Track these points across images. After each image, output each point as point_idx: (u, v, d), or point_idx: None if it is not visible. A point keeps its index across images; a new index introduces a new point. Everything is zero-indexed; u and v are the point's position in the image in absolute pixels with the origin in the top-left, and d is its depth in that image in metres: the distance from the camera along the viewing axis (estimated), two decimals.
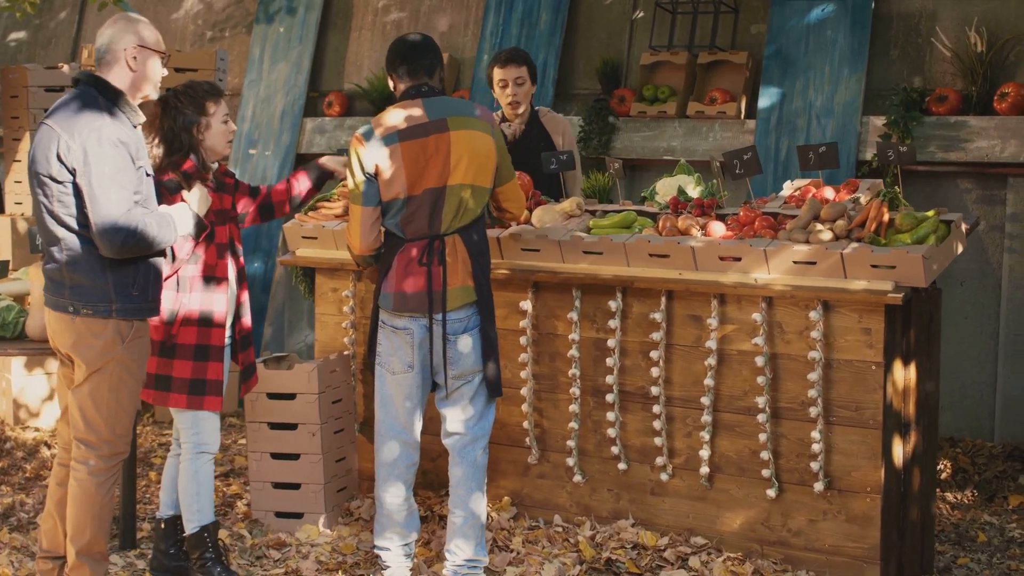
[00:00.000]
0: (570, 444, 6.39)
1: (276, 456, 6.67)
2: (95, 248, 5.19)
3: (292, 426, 6.63)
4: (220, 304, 5.71)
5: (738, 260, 5.84)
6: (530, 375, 6.47)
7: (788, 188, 6.54)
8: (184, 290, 5.65)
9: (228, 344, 5.83)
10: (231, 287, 5.79)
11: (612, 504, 6.37)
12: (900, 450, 5.82)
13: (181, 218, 5.45)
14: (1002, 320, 7.92)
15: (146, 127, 5.64)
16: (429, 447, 6.75)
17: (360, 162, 5.49)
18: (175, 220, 5.38)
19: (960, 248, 5.84)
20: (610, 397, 6.25)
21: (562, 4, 9.42)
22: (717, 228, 6.01)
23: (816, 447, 5.77)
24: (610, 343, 6.22)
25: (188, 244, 5.59)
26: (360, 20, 10.47)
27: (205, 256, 5.68)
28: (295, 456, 6.65)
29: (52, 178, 5.16)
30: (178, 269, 5.62)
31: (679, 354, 6.11)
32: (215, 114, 5.72)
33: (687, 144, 8.71)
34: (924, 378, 6.00)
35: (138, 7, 10.84)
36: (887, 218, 5.74)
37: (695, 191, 6.44)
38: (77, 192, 5.15)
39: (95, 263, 5.23)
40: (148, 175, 5.37)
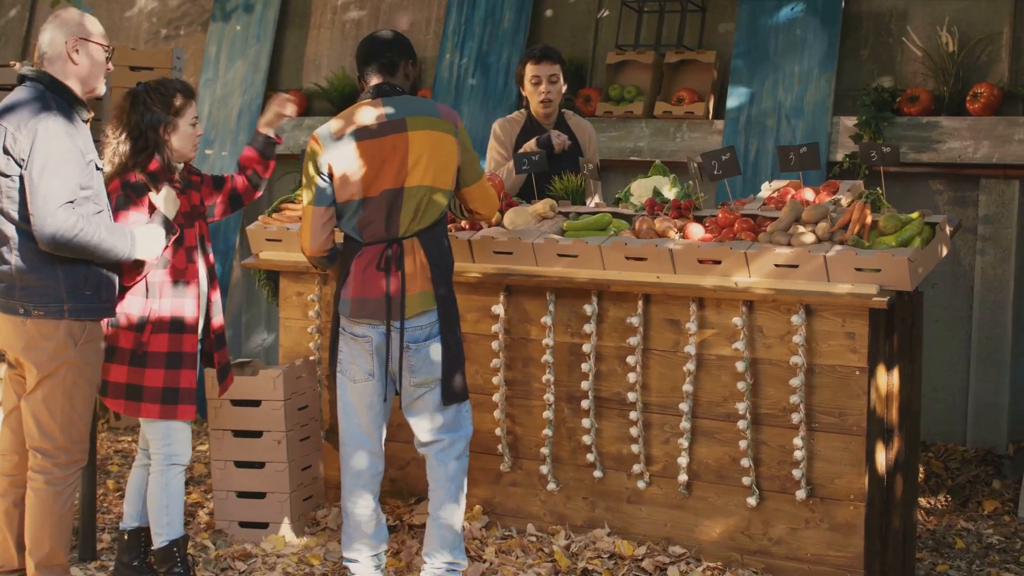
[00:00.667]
0: (544, 451, 6.24)
1: (240, 464, 6.48)
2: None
3: (257, 433, 6.44)
4: (191, 309, 5.53)
5: (718, 263, 5.72)
6: (502, 381, 6.31)
7: (766, 189, 6.41)
8: (153, 296, 5.46)
9: (200, 347, 5.65)
10: (202, 289, 5.61)
11: (587, 513, 6.23)
12: (883, 457, 5.71)
13: (146, 241, 5.27)
14: (975, 323, 7.84)
15: (113, 121, 5.48)
16: (397, 455, 6.63)
17: (314, 161, 5.36)
18: (136, 239, 5.21)
19: (945, 251, 5.74)
20: (585, 403, 6.10)
21: (526, 2, 9.27)
22: (695, 230, 5.88)
23: (798, 454, 5.65)
24: (585, 348, 6.08)
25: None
26: (319, 18, 10.28)
27: (174, 260, 5.50)
28: (260, 464, 6.47)
29: (0, 173, 5.01)
30: (146, 274, 5.43)
31: (656, 359, 5.98)
32: (184, 115, 5.54)
33: (654, 144, 8.59)
34: (907, 383, 5.89)
35: (90, 4, 10.60)
36: (870, 220, 5.63)
37: (671, 192, 6.30)
38: (24, 187, 5.01)
39: (46, 262, 5.07)
40: (98, 169, 5.21)
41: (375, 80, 5.49)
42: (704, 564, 5.89)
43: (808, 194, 6.07)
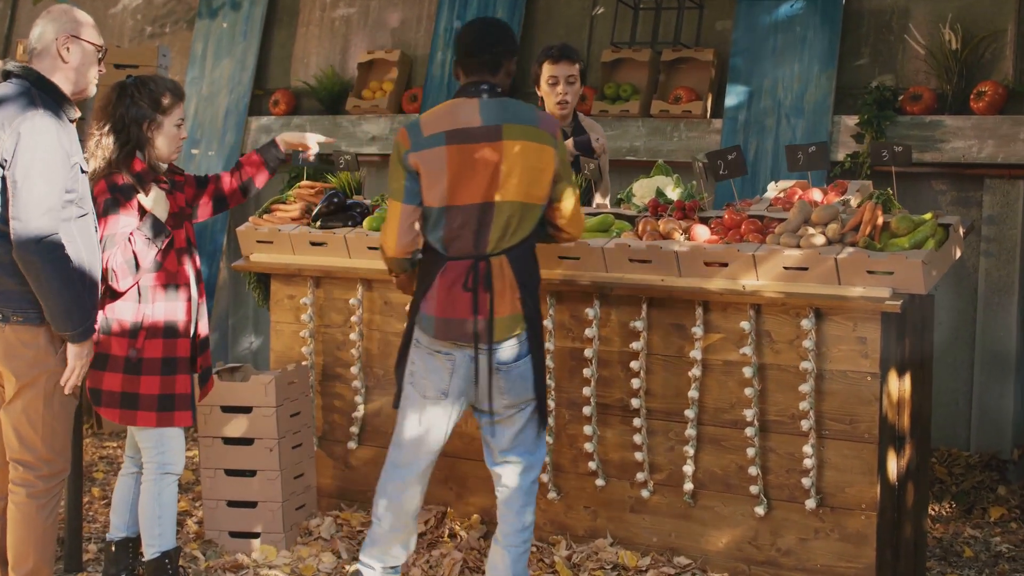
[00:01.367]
0: (544, 459, 6.04)
1: (231, 473, 6.30)
2: None
3: (248, 441, 6.26)
4: (183, 313, 5.36)
5: (724, 266, 5.56)
6: None
7: (773, 190, 6.25)
8: (146, 301, 5.28)
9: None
10: (192, 292, 5.43)
11: (589, 522, 6.06)
12: (894, 464, 5.56)
13: (83, 336, 4.98)
14: (978, 325, 7.69)
15: (98, 112, 5.30)
16: None
17: (402, 156, 5.01)
18: (85, 324, 4.94)
19: (958, 253, 5.59)
20: (587, 410, 5.93)
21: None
22: (701, 232, 5.72)
23: (808, 462, 5.49)
24: (587, 353, 5.91)
25: (152, 252, 5.23)
26: (307, 15, 10.11)
27: (165, 263, 5.32)
28: (251, 472, 6.29)
29: None
30: (139, 279, 5.25)
31: (661, 365, 5.81)
32: (170, 115, 5.35)
33: (651, 144, 8.42)
34: (918, 388, 5.74)
35: (74, 1, 10.41)
36: (881, 221, 5.47)
37: (674, 193, 6.14)
38: (6, 187, 4.83)
39: None
40: (83, 172, 5.03)
41: (471, 77, 5.12)
42: (710, 575, 5.73)
43: (816, 195, 5.91)
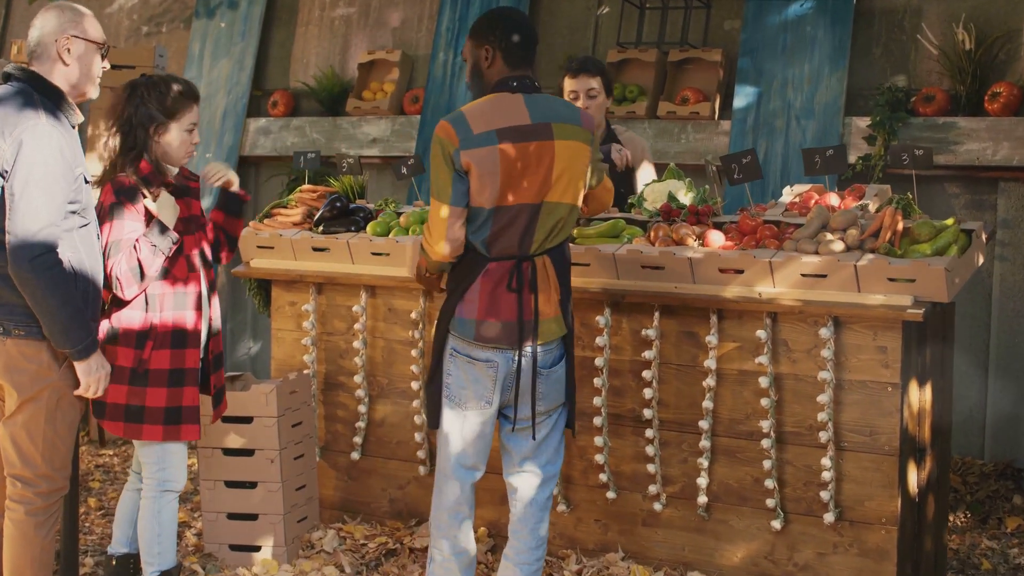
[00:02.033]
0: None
1: (231, 484, 6.13)
2: None
3: (249, 452, 6.10)
4: (192, 322, 5.17)
5: (740, 272, 5.40)
6: None
7: (788, 194, 6.10)
8: (154, 309, 5.09)
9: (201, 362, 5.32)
10: (203, 302, 5.25)
11: (600, 536, 5.90)
12: (915, 477, 5.40)
13: (94, 365, 4.84)
14: (993, 331, 7.54)
15: (107, 112, 5.11)
16: (395, 474, 6.35)
17: (449, 156, 4.76)
18: (87, 347, 4.77)
19: (980, 259, 5.44)
20: (597, 420, 5.77)
21: None
22: (716, 238, 5.56)
23: (826, 475, 5.33)
24: (597, 362, 5.75)
25: (159, 259, 5.05)
26: (306, 15, 9.94)
27: (174, 270, 5.13)
28: (252, 484, 6.12)
29: None
30: (145, 287, 5.07)
31: (674, 374, 5.65)
32: (180, 119, 5.15)
33: (658, 146, 8.26)
34: (939, 399, 5.59)
35: None
36: (901, 227, 5.32)
37: (687, 197, 5.98)
38: (3, 198, 4.65)
39: None
40: (87, 182, 4.84)
41: (519, 71, 4.90)
42: None
43: (832, 199, 5.75)
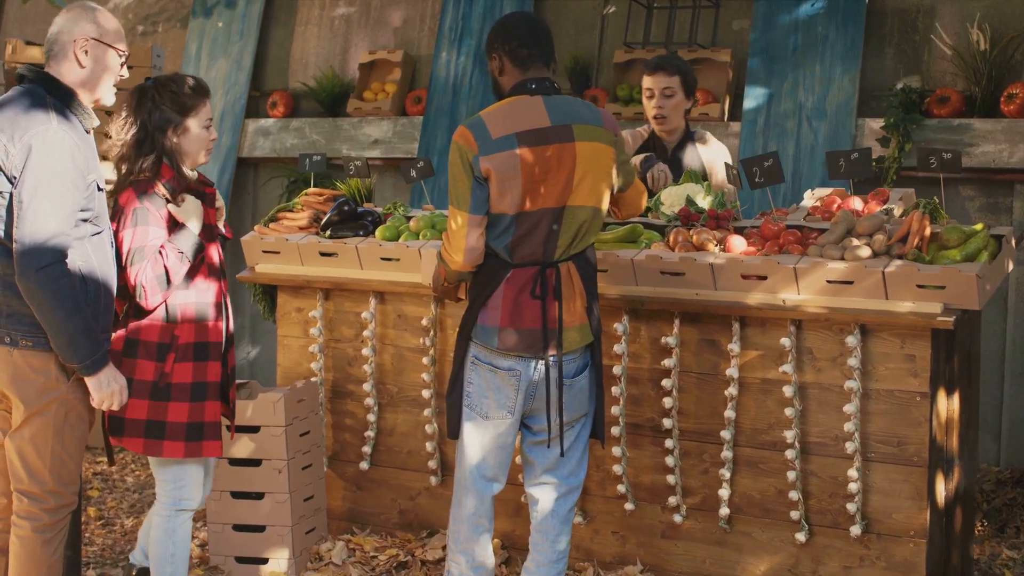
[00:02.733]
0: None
1: (237, 495, 5.99)
2: None
3: (256, 462, 5.95)
4: (215, 334, 5.01)
5: (763, 279, 5.26)
6: None
7: (809, 198, 5.96)
8: (174, 321, 4.92)
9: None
10: (224, 314, 5.09)
11: (617, 548, 5.76)
12: (943, 488, 5.27)
13: (103, 379, 4.63)
14: (1008, 337, 7.42)
15: (118, 120, 4.94)
16: (406, 484, 6.21)
17: (468, 162, 4.65)
18: (94, 359, 4.57)
19: (1011, 266, 5.30)
20: (615, 430, 5.63)
21: None
22: (738, 243, 5.42)
23: (853, 486, 5.20)
24: (616, 370, 5.61)
25: (184, 267, 4.87)
26: (306, 14, 9.79)
27: (196, 279, 4.96)
28: (259, 495, 5.98)
29: None
30: (168, 297, 4.90)
31: (695, 383, 5.51)
32: (196, 115, 4.98)
33: None
34: (966, 408, 5.46)
35: None
36: (929, 232, 5.18)
37: (705, 201, 5.84)
38: (11, 203, 4.48)
39: None
40: (100, 189, 4.67)
41: (532, 72, 4.78)
42: None
43: (856, 203, 5.62)
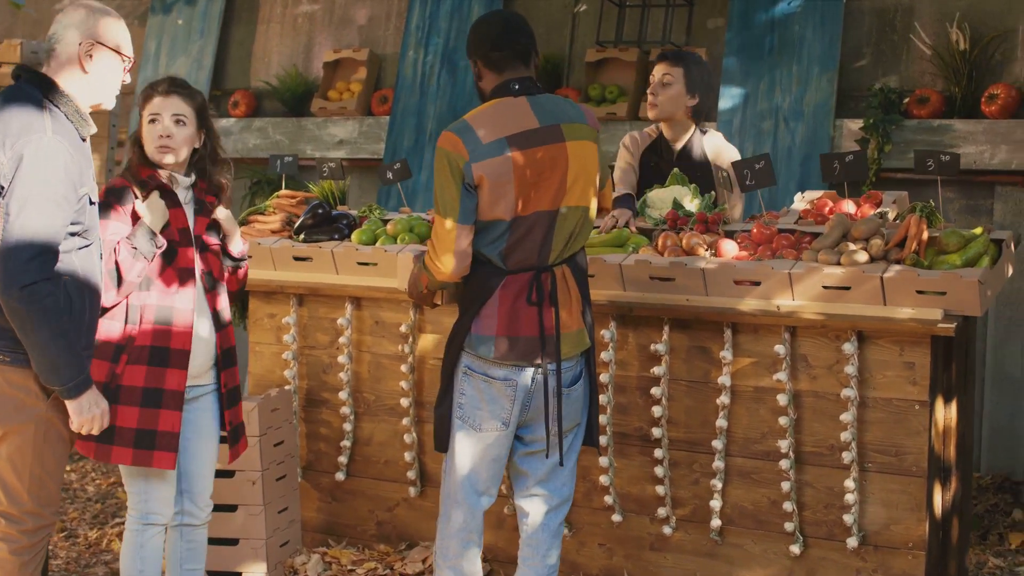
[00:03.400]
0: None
1: None
2: None
3: (228, 473, 5.75)
4: (181, 341, 4.76)
5: (757, 284, 5.12)
6: None
7: (800, 201, 5.83)
8: (133, 321, 4.69)
9: (214, 397, 4.93)
10: (205, 324, 4.87)
11: (604, 560, 5.60)
12: (940, 499, 5.15)
13: (88, 404, 4.42)
14: (988, 343, 7.32)
15: None
16: (385, 495, 6.05)
17: (458, 169, 4.46)
18: (80, 386, 4.36)
19: (1010, 270, 5.19)
20: (603, 440, 5.47)
21: None
22: (729, 247, 5.28)
23: (850, 497, 5.06)
24: (603, 378, 5.45)
25: (140, 264, 4.65)
26: (268, 12, 9.59)
27: (160, 280, 4.73)
28: (232, 507, 5.78)
29: None
30: (126, 295, 4.68)
31: (685, 391, 5.37)
32: (144, 113, 4.76)
33: None
34: (963, 416, 5.35)
35: None
36: (926, 236, 5.06)
37: (692, 204, 5.70)
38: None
39: None
40: (92, 203, 4.43)
41: (508, 73, 4.59)
42: None
43: (849, 206, 5.49)
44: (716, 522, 5.34)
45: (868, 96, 7.56)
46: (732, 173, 5.66)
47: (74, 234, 4.30)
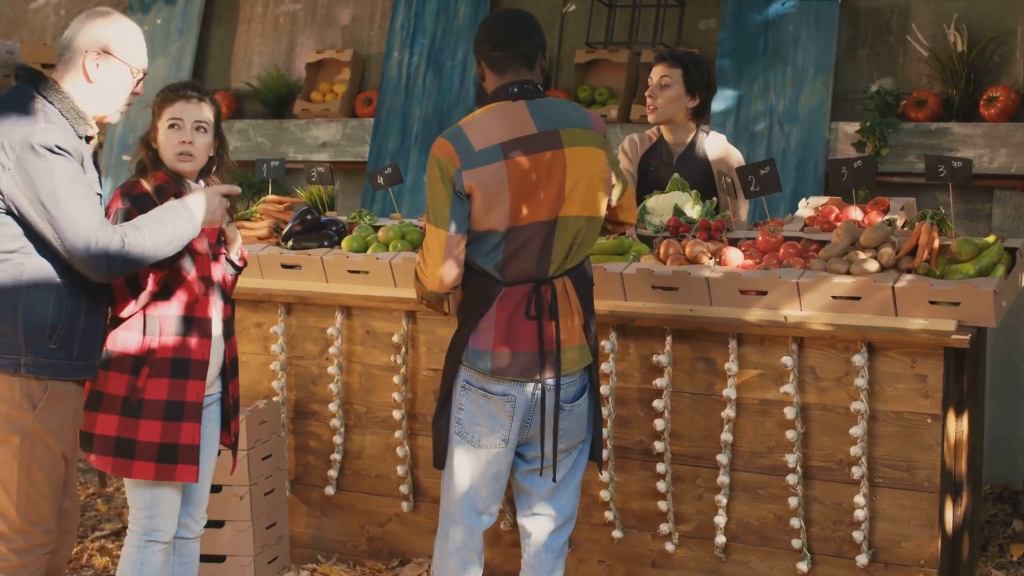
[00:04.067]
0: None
1: None
2: (4, 279, 4.15)
3: (215, 488, 5.58)
4: (198, 351, 4.58)
5: (763, 294, 4.97)
6: None
7: (804, 207, 5.68)
8: (152, 333, 4.51)
9: (218, 407, 4.77)
10: (216, 334, 4.68)
11: None
12: (952, 515, 5.01)
13: (200, 206, 4.41)
14: (988, 348, 7.17)
15: None
16: (376, 510, 5.90)
17: (449, 177, 4.30)
18: (189, 208, 4.36)
19: None
20: (603, 453, 5.31)
21: None
22: (734, 256, 5.13)
23: (859, 513, 4.92)
24: (603, 390, 5.29)
25: (155, 274, 4.48)
26: (249, 11, 9.41)
27: (178, 292, 4.54)
28: (219, 523, 5.62)
29: None
30: (143, 306, 4.50)
31: (688, 404, 5.21)
32: (162, 117, 4.59)
33: None
34: (974, 429, 5.22)
35: None
36: (938, 244, 4.92)
37: (694, 211, 5.55)
38: (3, 218, 4.14)
39: (5, 300, 4.16)
40: (98, 194, 4.31)
41: (510, 76, 4.42)
42: None
43: (855, 213, 5.35)
44: (721, 539, 5.19)
45: (864, 99, 7.44)
46: (736, 178, 5.51)
47: None
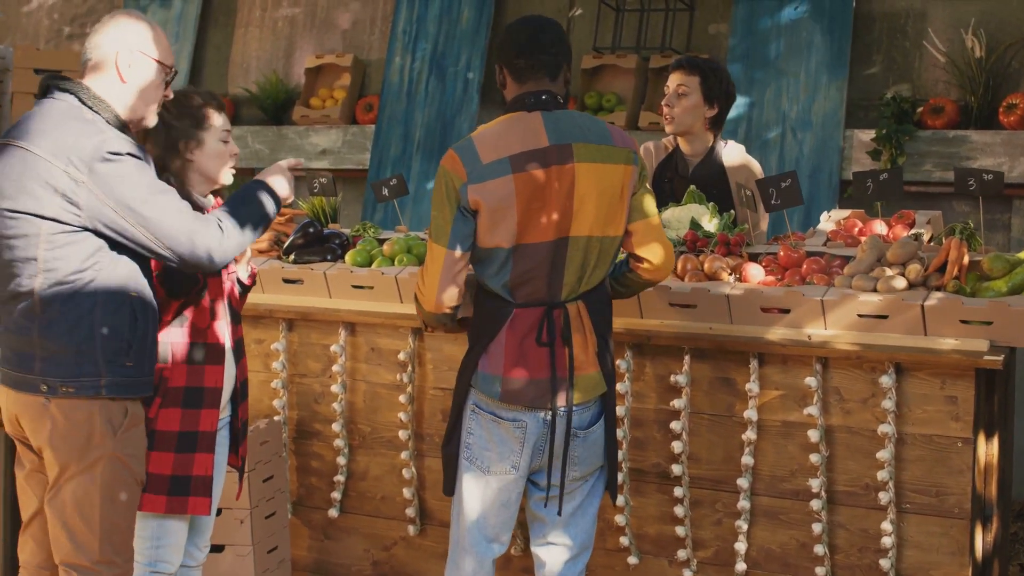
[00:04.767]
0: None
1: None
2: (79, 299, 3.93)
3: (215, 511, 5.38)
4: (213, 379, 4.40)
5: (786, 312, 4.78)
6: None
7: (825, 221, 5.50)
8: (163, 360, 4.32)
9: (228, 431, 4.60)
10: (228, 359, 4.50)
11: None
12: (982, 541, 4.82)
13: (273, 183, 4.32)
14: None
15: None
16: (382, 533, 5.70)
17: (454, 191, 4.12)
18: (267, 183, 4.29)
19: None
20: (618, 477, 5.12)
21: None
22: (755, 272, 4.95)
23: (887, 540, 4.73)
24: (619, 411, 5.10)
25: (175, 299, 4.31)
26: (246, 15, 9.26)
27: (193, 318, 4.37)
28: (219, 548, 5.42)
29: (42, 216, 3.89)
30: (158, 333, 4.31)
31: (707, 425, 5.02)
32: (211, 128, 4.41)
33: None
34: (1005, 452, 5.02)
35: None
36: (967, 261, 4.73)
37: (711, 224, 5.36)
38: (79, 235, 3.94)
39: (82, 319, 3.93)
40: None
41: (530, 85, 4.23)
42: None
43: (880, 227, 5.16)
44: (741, 566, 5.00)
45: (879, 105, 7.28)
46: (756, 191, 5.32)
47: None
